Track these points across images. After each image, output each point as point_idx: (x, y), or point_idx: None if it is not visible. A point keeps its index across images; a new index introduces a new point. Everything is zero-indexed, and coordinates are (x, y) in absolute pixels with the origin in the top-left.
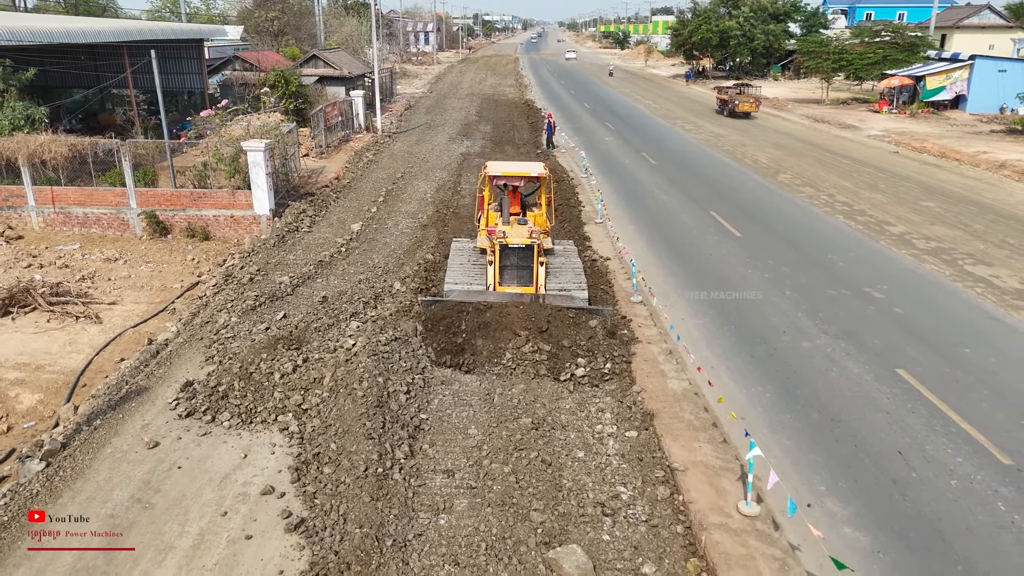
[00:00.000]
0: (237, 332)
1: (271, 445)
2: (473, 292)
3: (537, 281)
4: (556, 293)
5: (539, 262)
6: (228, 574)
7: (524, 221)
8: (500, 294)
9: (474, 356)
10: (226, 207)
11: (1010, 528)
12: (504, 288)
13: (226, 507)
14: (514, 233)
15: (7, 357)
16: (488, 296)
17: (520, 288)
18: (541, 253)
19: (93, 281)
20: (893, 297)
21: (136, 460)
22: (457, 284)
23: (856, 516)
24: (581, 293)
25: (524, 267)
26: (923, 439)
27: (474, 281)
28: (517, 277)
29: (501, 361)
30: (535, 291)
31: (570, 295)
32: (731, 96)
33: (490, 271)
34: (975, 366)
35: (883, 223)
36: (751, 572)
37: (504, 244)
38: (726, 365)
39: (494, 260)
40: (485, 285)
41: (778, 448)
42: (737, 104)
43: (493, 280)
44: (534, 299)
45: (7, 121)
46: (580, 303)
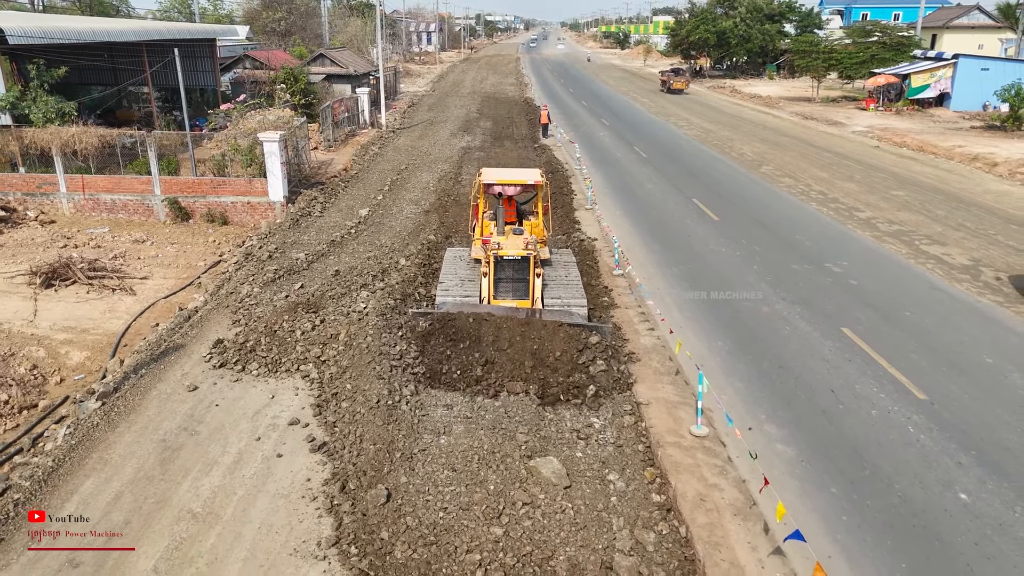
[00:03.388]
0: (260, 300)
1: (295, 389)
2: (467, 305)
3: (533, 294)
4: (554, 308)
5: (536, 274)
6: (265, 481)
7: (520, 231)
8: (495, 308)
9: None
10: (243, 194)
11: (915, 444)
12: (499, 301)
13: (259, 434)
14: (509, 244)
15: (55, 322)
16: (482, 309)
17: (516, 301)
18: (538, 264)
19: (124, 259)
20: (850, 271)
21: (179, 400)
22: (449, 296)
23: (788, 436)
24: (580, 308)
25: (520, 279)
26: (854, 381)
27: (468, 293)
28: (513, 290)
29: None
30: (531, 305)
31: (569, 310)
32: (668, 77)
33: (484, 283)
34: (912, 326)
35: (852, 209)
36: (696, 475)
37: (499, 256)
38: (692, 326)
39: (489, 272)
40: (479, 298)
41: (731, 388)
42: (672, 83)
43: (488, 293)
44: (530, 313)
45: (40, 114)
46: (579, 319)
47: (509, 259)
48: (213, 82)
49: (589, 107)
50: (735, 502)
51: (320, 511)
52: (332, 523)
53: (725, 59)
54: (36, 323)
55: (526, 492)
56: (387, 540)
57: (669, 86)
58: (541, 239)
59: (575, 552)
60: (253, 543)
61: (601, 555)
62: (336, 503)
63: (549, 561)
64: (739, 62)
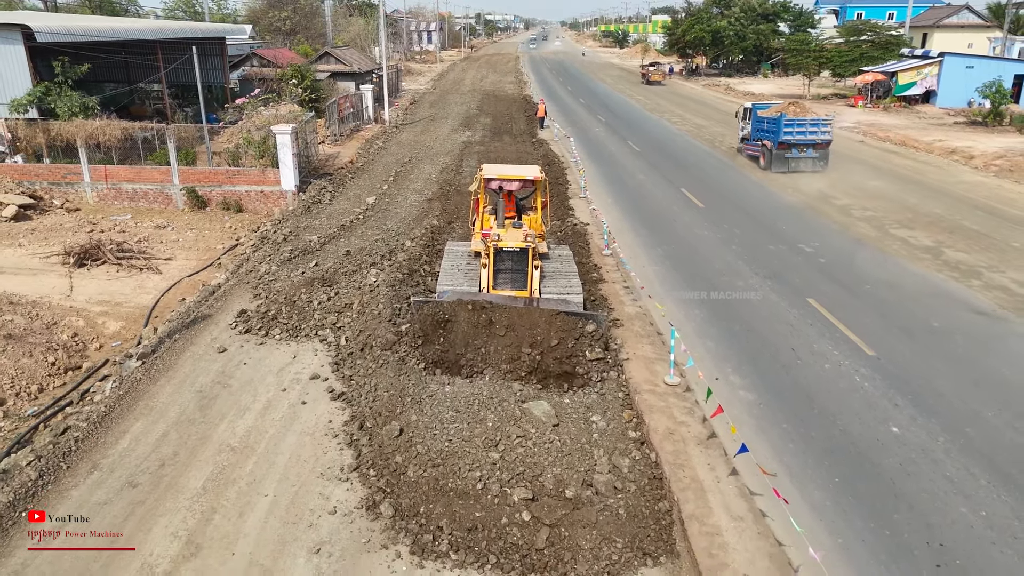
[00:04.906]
0: (278, 276)
1: (314, 350)
2: (466, 294)
3: (531, 285)
4: (550, 297)
5: (534, 266)
6: (292, 423)
7: (519, 224)
8: (494, 297)
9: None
10: (257, 183)
11: (859, 391)
12: (498, 292)
13: (284, 386)
14: (509, 236)
15: (90, 296)
16: (481, 298)
17: (514, 292)
18: (536, 257)
19: (148, 243)
20: (821, 251)
21: (210, 359)
22: (450, 286)
23: (749, 385)
24: (576, 298)
25: (518, 271)
26: (812, 341)
27: (467, 284)
28: (511, 281)
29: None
30: (529, 295)
31: (565, 299)
32: (646, 71)
33: (484, 274)
34: (871, 297)
35: (830, 197)
36: (667, 415)
37: (498, 247)
38: (672, 296)
39: (488, 263)
40: (478, 288)
41: (702, 347)
42: (650, 76)
43: (487, 283)
44: (528, 303)
45: (66, 108)
46: (575, 307)
47: (508, 251)
48: (222, 79)
49: (587, 104)
50: (699, 435)
51: (341, 445)
52: (352, 454)
53: (721, 58)
54: (73, 297)
55: (520, 428)
56: (401, 463)
57: (648, 78)
58: (539, 233)
59: (560, 472)
60: (285, 469)
61: (583, 475)
62: (355, 438)
63: (539, 478)
64: (735, 61)
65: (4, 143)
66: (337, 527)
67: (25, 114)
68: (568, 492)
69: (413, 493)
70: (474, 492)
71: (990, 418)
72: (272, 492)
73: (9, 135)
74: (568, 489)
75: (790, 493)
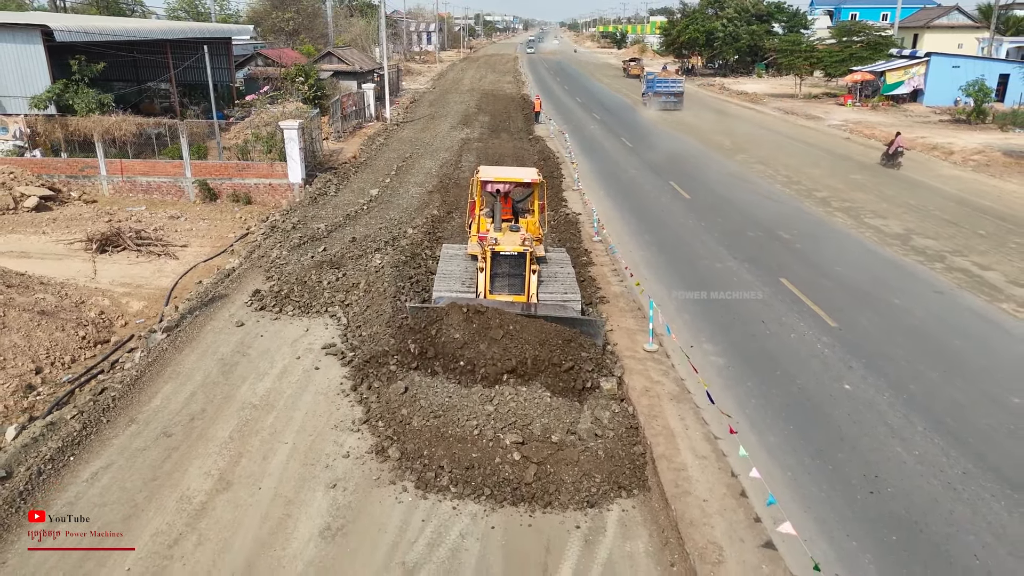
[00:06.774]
0: (288, 260)
1: (324, 324)
2: (463, 299)
3: (529, 289)
4: (548, 302)
5: (531, 270)
6: (307, 385)
7: (516, 228)
8: (491, 302)
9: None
10: (265, 176)
11: (819, 356)
12: (495, 296)
13: (299, 354)
14: (506, 240)
15: (113, 279)
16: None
17: (511, 296)
18: (533, 261)
19: (163, 232)
20: (797, 237)
21: (230, 332)
22: (446, 292)
23: (720, 351)
24: (574, 303)
25: (516, 275)
26: (781, 314)
27: (464, 289)
28: (508, 285)
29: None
30: (527, 300)
31: (563, 305)
32: (627, 65)
33: (481, 278)
34: (840, 277)
35: (812, 190)
36: (644, 376)
37: (496, 251)
38: (655, 275)
39: (485, 267)
40: (475, 293)
41: (679, 319)
42: (631, 70)
43: (484, 288)
44: (525, 308)
45: (83, 105)
46: (572, 314)
47: (505, 255)
48: (228, 78)
49: (583, 103)
50: (672, 392)
51: (352, 403)
52: (362, 410)
53: (716, 58)
54: (97, 280)
55: (512, 388)
56: (406, 415)
57: (628, 72)
58: (537, 237)
59: (548, 422)
60: (302, 422)
61: (567, 425)
62: (364, 397)
63: (528, 427)
64: (729, 61)
65: (24, 138)
66: (350, 468)
67: (44, 110)
68: (554, 437)
69: (417, 439)
70: (471, 437)
71: (934, 378)
72: (291, 441)
73: (28, 130)
74: (554, 435)
75: (749, 439)
